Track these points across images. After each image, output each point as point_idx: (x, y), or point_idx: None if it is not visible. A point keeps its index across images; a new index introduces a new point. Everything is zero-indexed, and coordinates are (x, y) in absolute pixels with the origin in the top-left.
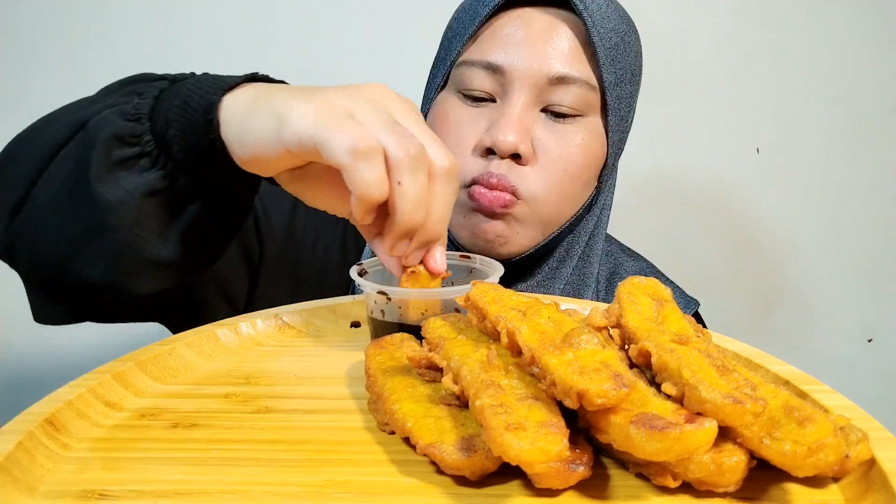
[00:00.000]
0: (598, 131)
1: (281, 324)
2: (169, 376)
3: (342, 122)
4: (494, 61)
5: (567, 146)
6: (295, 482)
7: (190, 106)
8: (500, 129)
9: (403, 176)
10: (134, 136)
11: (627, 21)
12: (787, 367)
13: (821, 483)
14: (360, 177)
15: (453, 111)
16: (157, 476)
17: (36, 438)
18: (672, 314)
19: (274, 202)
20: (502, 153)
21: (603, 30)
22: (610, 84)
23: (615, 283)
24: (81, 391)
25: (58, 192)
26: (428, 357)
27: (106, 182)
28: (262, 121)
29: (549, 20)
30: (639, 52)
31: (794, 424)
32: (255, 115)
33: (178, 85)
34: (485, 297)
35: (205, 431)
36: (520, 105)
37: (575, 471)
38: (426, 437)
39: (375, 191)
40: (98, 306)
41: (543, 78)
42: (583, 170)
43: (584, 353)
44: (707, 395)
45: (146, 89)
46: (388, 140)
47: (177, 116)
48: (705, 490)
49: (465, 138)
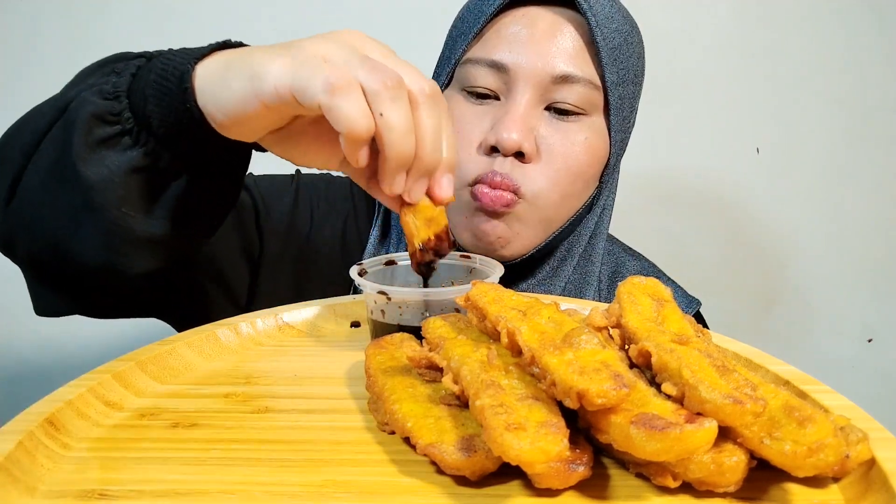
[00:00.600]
0: (601, 130)
1: (281, 324)
2: (169, 376)
3: (316, 66)
4: (499, 59)
5: (571, 144)
6: (295, 482)
7: (165, 78)
8: (504, 127)
9: (384, 106)
10: (113, 114)
11: (631, 22)
12: (787, 367)
13: (821, 483)
14: (341, 113)
15: (457, 109)
16: (157, 476)
17: (36, 438)
18: (672, 314)
19: (275, 198)
20: (506, 151)
21: (607, 30)
22: (612, 84)
23: (617, 282)
24: (81, 391)
25: (46, 176)
26: (428, 357)
27: (89, 162)
28: (238, 81)
29: (553, 19)
30: (641, 53)
31: (795, 424)
32: (230, 77)
33: (153, 61)
34: (485, 297)
35: (205, 431)
36: (524, 103)
37: (575, 471)
38: (426, 437)
39: (359, 124)
40: (97, 293)
41: (547, 76)
42: (586, 168)
43: (585, 353)
44: (707, 395)
45: (124, 68)
46: (361, 74)
47: (153, 92)
48: (705, 490)
49: (468, 136)
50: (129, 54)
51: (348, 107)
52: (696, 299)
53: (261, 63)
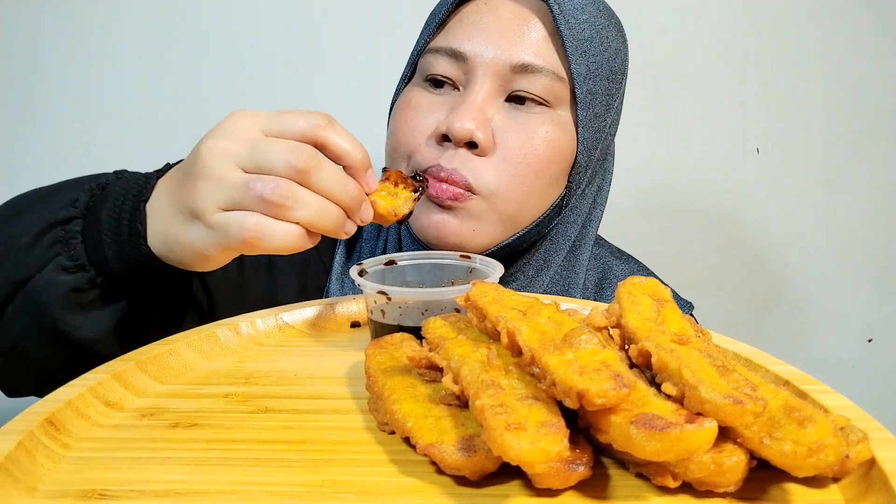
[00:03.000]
0: (567, 125)
1: (281, 324)
2: (169, 376)
3: (220, 228)
4: (457, 47)
5: (529, 137)
6: (295, 482)
7: (122, 241)
8: (457, 115)
9: (295, 212)
10: (90, 282)
11: (608, 16)
12: (787, 367)
13: (821, 483)
14: (272, 246)
15: (415, 98)
16: (157, 476)
17: (36, 438)
18: (672, 314)
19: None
20: (458, 141)
21: (574, 20)
22: (580, 76)
23: (605, 287)
24: (81, 391)
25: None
26: (428, 357)
27: (72, 321)
28: (180, 252)
29: (517, 9)
30: (620, 49)
31: (795, 424)
32: (174, 245)
33: (95, 219)
34: (485, 297)
35: (205, 431)
36: (482, 93)
37: (575, 471)
38: (426, 437)
39: (293, 243)
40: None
41: (507, 66)
42: (547, 164)
43: (585, 353)
44: (707, 396)
45: (67, 234)
46: (257, 202)
47: (114, 255)
48: (705, 490)
49: (421, 124)
50: (42, 191)
51: (273, 241)
52: (689, 302)
53: (177, 236)
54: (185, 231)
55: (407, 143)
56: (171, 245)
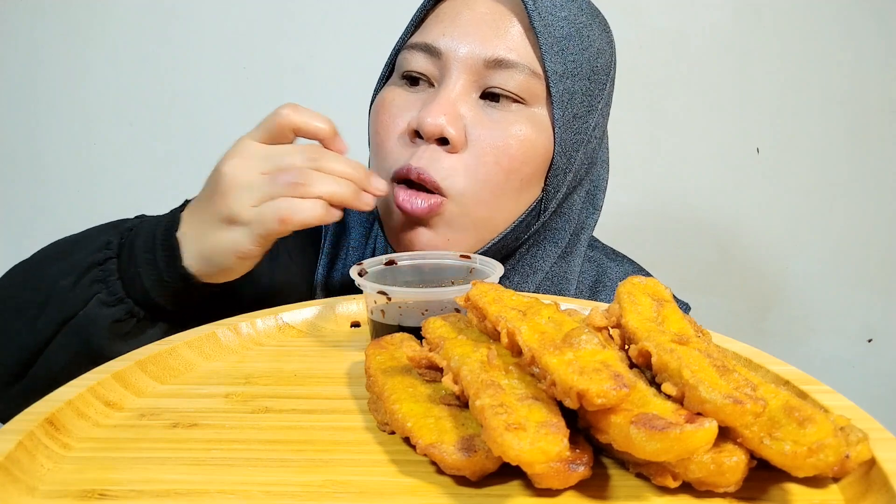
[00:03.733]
0: (543, 124)
1: (281, 324)
2: (169, 376)
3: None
4: (432, 43)
5: (502, 135)
6: (295, 482)
7: (159, 269)
8: (428, 111)
9: (317, 188)
10: (128, 313)
11: (591, 16)
12: (787, 367)
13: (821, 483)
14: (301, 220)
15: (389, 97)
16: (156, 476)
17: (36, 438)
18: (672, 314)
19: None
20: (428, 136)
21: (551, 17)
22: (555, 74)
23: (599, 290)
24: (81, 391)
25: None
26: (428, 357)
27: (116, 348)
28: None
29: (493, 5)
30: (604, 49)
31: (795, 425)
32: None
33: (129, 256)
34: (485, 297)
35: (205, 431)
36: (456, 88)
37: (575, 471)
38: (426, 437)
39: (320, 213)
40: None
41: (480, 60)
42: (520, 165)
43: (584, 353)
44: (707, 396)
45: (105, 273)
46: (277, 187)
47: (152, 284)
48: (705, 490)
49: (393, 122)
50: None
51: (303, 214)
52: (686, 303)
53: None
54: (223, 237)
55: (382, 145)
56: (208, 256)
